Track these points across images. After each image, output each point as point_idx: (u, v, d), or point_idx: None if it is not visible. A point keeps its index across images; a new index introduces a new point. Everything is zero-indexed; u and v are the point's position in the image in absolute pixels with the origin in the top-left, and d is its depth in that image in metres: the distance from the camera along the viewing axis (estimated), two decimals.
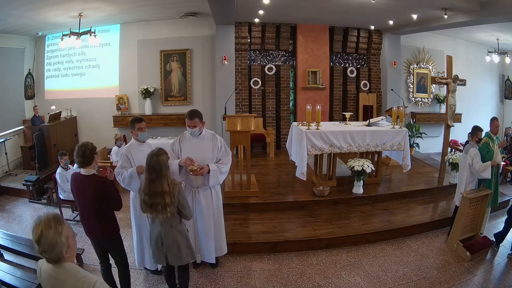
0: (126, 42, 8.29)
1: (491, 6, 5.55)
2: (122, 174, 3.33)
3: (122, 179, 3.32)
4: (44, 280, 1.74)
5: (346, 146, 5.29)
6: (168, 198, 2.68)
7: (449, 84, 5.75)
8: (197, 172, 3.31)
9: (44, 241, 1.57)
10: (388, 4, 5.98)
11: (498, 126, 4.47)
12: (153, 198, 2.69)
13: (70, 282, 1.65)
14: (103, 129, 8.15)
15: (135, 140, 3.51)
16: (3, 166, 7.08)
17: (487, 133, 4.40)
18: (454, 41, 9.35)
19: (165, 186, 2.69)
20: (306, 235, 4.29)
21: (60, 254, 1.61)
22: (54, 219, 1.62)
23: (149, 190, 2.70)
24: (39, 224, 1.59)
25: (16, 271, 3.17)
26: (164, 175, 2.70)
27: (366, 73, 8.71)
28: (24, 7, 5.86)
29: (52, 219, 1.62)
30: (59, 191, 5.19)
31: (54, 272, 1.67)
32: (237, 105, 8.03)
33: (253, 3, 6.28)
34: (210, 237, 3.59)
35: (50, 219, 1.61)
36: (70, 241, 1.64)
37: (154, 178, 2.69)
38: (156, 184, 2.69)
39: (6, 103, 7.50)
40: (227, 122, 4.96)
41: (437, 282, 3.50)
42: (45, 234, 1.57)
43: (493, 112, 10.25)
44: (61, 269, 1.66)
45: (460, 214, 4.12)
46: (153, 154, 2.74)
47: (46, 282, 1.72)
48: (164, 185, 2.69)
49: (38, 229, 1.59)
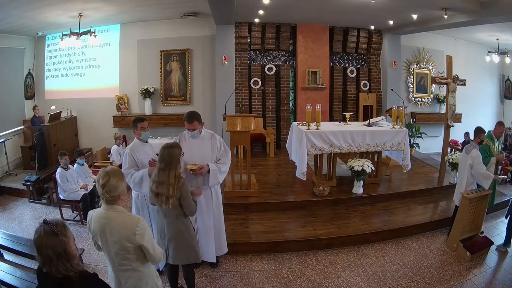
0: (126, 42, 8.29)
1: (491, 6, 5.55)
2: (132, 174, 3.29)
3: (132, 180, 3.28)
4: (95, 225, 2.09)
5: (346, 146, 5.29)
6: (171, 190, 2.73)
7: (449, 84, 5.75)
8: (196, 172, 3.31)
9: (110, 184, 2.02)
10: (388, 4, 5.98)
11: (503, 132, 4.49)
12: (159, 188, 2.77)
13: (119, 219, 2.07)
14: (103, 129, 8.16)
15: (138, 140, 3.50)
16: (3, 166, 7.08)
17: (489, 133, 4.40)
18: (454, 41, 9.35)
19: (171, 177, 2.75)
20: (306, 235, 4.29)
21: (118, 196, 2.08)
22: (119, 172, 2.13)
23: (158, 179, 2.79)
24: (107, 172, 2.06)
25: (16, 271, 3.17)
26: (173, 167, 2.77)
27: (366, 73, 8.71)
28: (24, 7, 5.86)
29: (118, 171, 2.12)
30: (59, 191, 5.18)
31: (106, 213, 2.07)
32: (237, 105, 8.03)
33: (253, 3, 6.28)
34: (210, 236, 3.59)
35: (116, 170, 2.11)
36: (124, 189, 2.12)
37: (163, 168, 2.78)
38: (163, 174, 2.77)
39: (6, 103, 7.50)
40: (227, 122, 4.96)
41: (437, 282, 3.50)
42: (111, 179, 2.03)
43: (493, 112, 10.27)
44: (113, 209, 2.08)
45: (460, 214, 4.12)
46: (166, 146, 2.84)
47: (97, 225, 2.08)
48: (170, 176, 2.75)
49: (106, 175, 2.04)
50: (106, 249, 2.11)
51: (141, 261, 2.14)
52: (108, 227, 2.06)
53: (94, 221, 2.11)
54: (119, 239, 2.04)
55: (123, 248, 2.06)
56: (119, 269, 2.13)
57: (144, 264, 2.18)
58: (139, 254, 2.11)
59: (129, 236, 2.03)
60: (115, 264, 2.12)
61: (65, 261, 1.64)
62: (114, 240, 2.05)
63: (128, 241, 2.04)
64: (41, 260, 1.65)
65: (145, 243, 2.08)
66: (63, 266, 1.64)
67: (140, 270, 2.15)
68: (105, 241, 2.08)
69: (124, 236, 2.03)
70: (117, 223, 2.05)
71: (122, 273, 2.13)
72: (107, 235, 2.06)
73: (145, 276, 2.19)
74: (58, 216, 5.17)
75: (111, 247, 2.08)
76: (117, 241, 2.05)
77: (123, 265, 2.11)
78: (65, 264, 1.64)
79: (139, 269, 2.15)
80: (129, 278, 2.14)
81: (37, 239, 1.64)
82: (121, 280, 2.15)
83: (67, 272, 1.64)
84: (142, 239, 2.06)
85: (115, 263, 2.12)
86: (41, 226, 1.66)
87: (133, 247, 2.06)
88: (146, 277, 2.19)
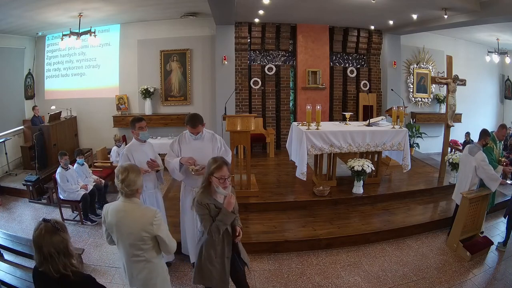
0: (126, 42, 8.29)
1: (491, 6, 5.55)
2: None
3: None
4: (111, 218, 2.19)
5: (346, 146, 5.29)
6: None
7: (449, 84, 5.75)
8: (199, 172, 3.31)
9: (129, 179, 2.14)
10: (388, 4, 5.98)
11: (505, 135, 4.49)
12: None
13: (137, 211, 2.19)
14: (103, 129, 8.16)
15: (136, 140, 3.50)
16: (3, 166, 7.08)
17: (492, 136, 4.39)
18: (454, 41, 9.35)
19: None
20: (306, 235, 4.29)
21: (136, 190, 2.20)
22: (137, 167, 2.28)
23: None
24: (126, 167, 2.20)
25: (16, 271, 3.17)
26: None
27: (366, 73, 8.71)
28: (24, 7, 5.86)
29: (135, 167, 2.28)
30: (59, 191, 5.18)
31: (124, 206, 2.19)
32: (237, 105, 8.03)
33: (253, 3, 6.28)
34: None
35: (134, 166, 2.27)
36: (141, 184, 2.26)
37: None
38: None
39: (6, 103, 7.50)
40: (227, 122, 4.96)
41: (437, 282, 3.49)
42: (130, 175, 2.16)
43: (493, 112, 10.28)
44: (131, 202, 2.19)
45: (460, 214, 4.12)
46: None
47: (114, 218, 2.18)
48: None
49: (125, 171, 2.17)
50: (121, 241, 2.20)
51: (155, 252, 2.25)
52: (125, 219, 2.16)
53: (111, 214, 2.21)
54: (136, 230, 2.14)
55: (139, 239, 2.15)
56: (132, 260, 2.22)
57: (157, 256, 2.29)
58: (153, 245, 2.22)
59: (147, 226, 2.14)
60: (129, 256, 2.22)
61: (65, 259, 1.66)
62: (131, 231, 2.15)
63: (145, 231, 2.14)
64: (39, 258, 1.65)
65: (161, 233, 2.19)
66: (62, 263, 1.64)
67: (152, 261, 2.25)
68: (121, 233, 2.18)
69: (141, 226, 2.14)
70: (135, 215, 2.17)
71: (135, 264, 2.23)
72: (124, 227, 2.16)
73: (157, 268, 2.29)
74: (58, 216, 5.16)
75: (126, 238, 2.17)
76: (133, 231, 2.15)
77: (137, 256, 2.20)
78: (65, 262, 1.65)
79: (152, 260, 2.25)
80: (142, 269, 2.24)
81: (38, 236, 1.63)
82: (134, 272, 2.24)
83: (65, 271, 1.65)
84: (158, 230, 2.17)
85: (128, 255, 2.21)
86: (41, 224, 1.67)
87: (150, 237, 2.17)
88: (157, 269, 2.29)
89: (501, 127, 4.59)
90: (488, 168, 4.00)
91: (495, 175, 4.03)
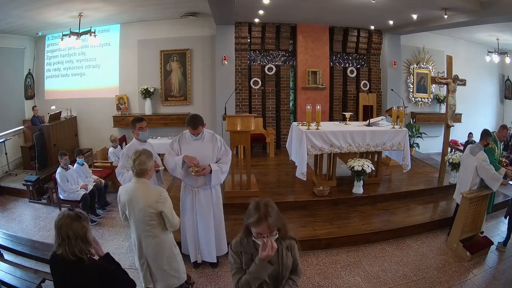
0: (126, 42, 8.29)
1: (491, 6, 5.55)
2: (123, 174, 3.34)
3: (123, 180, 3.32)
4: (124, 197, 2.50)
5: (346, 146, 5.29)
6: None
7: (449, 84, 5.75)
8: (199, 173, 3.31)
9: (140, 159, 2.46)
10: (388, 4, 5.98)
11: (506, 136, 4.49)
12: None
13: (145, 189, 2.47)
14: (103, 129, 8.15)
15: (136, 140, 3.51)
16: (3, 166, 7.08)
17: (493, 136, 4.39)
18: (454, 41, 9.35)
19: None
20: (306, 235, 4.28)
21: (146, 170, 2.50)
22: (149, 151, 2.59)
23: None
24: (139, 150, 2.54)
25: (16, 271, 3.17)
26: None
27: (366, 73, 8.71)
28: (24, 7, 5.86)
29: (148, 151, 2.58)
30: (59, 191, 5.18)
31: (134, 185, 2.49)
32: (237, 105, 8.03)
33: (253, 3, 6.28)
34: (211, 236, 3.59)
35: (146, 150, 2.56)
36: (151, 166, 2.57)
37: None
38: None
39: (6, 103, 7.50)
40: (227, 122, 4.96)
41: (437, 282, 3.49)
42: (141, 156, 2.48)
43: (493, 112, 10.28)
44: (140, 182, 2.48)
45: (460, 214, 4.12)
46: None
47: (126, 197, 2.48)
48: None
49: (137, 153, 2.50)
50: (133, 217, 2.49)
51: (161, 229, 2.52)
52: (136, 197, 2.45)
53: (123, 193, 2.52)
54: (144, 207, 2.42)
55: (147, 215, 2.43)
56: (142, 235, 2.50)
57: (164, 232, 2.55)
58: (159, 222, 2.49)
59: (152, 203, 2.42)
60: (139, 231, 2.50)
61: (82, 244, 1.73)
62: (140, 207, 2.43)
63: (151, 207, 2.42)
64: (58, 240, 1.73)
65: (165, 210, 2.46)
66: (79, 247, 1.72)
67: (160, 237, 2.52)
68: (132, 209, 2.47)
69: (148, 203, 2.42)
70: (143, 192, 2.46)
71: (144, 239, 2.51)
72: (135, 204, 2.45)
73: (164, 243, 2.56)
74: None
75: (137, 214, 2.46)
76: (142, 208, 2.42)
77: (146, 231, 2.48)
78: (81, 247, 1.73)
79: (159, 236, 2.52)
80: (150, 244, 2.51)
81: (60, 219, 1.74)
82: (143, 245, 2.52)
83: (81, 254, 1.72)
84: (163, 206, 2.44)
85: (139, 230, 2.50)
86: (66, 211, 1.79)
87: (155, 213, 2.44)
88: (164, 245, 2.56)
89: (502, 128, 4.59)
90: (489, 167, 4.00)
91: (496, 174, 4.02)
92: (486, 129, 4.27)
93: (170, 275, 2.64)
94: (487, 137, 4.21)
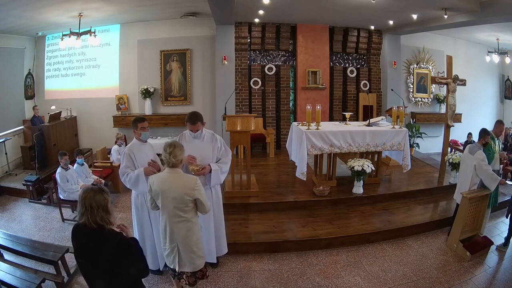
0: (126, 42, 8.29)
1: (491, 6, 5.55)
2: (128, 174, 3.31)
3: (128, 180, 3.30)
4: (157, 186, 2.67)
5: (346, 146, 5.29)
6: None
7: (449, 84, 5.75)
8: (199, 172, 3.31)
9: (175, 151, 2.63)
10: (388, 4, 5.98)
11: (503, 131, 4.49)
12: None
13: (181, 179, 2.68)
14: (103, 129, 8.16)
15: (137, 140, 3.50)
16: (3, 166, 7.08)
17: (491, 134, 4.40)
18: (454, 41, 9.35)
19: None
20: (306, 235, 4.29)
21: (180, 161, 2.69)
22: (180, 144, 2.73)
23: None
24: (171, 143, 2.68)
25: (16, 271, 3.18)
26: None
27: (366, 73, 8.71)
28: (24, 7, 5.86)
29: (179, 143, 2.74)
30: (59, 191, 5.18)
31: (169, 175, 2.67)
32: (237, 105, 8.03)
33: (253, 3, 6.28)
34: (211, 236, 3.58)
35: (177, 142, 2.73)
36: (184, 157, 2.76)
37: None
38: None
39: (6, 103, 7.50)
40: (227, 122, 4.96)
41: (437, 282, 3.50)
42: (176, 149, 2.65)
43: (493, 112, 10.28)
44: (175, 172, 2.68)
45: (460, 214, 4.12)
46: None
47: (160, 186, 2.65)
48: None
49: (171, 146, 2.65)
50: (166, 205, 2.66)
51: (194, 213, 2.74)
52: (171, 186, 2.63)
53: (157, 183, 2.68)
54: (180, 194, 2.61)
55: (182, 202, 2.63)
56: (174, 221, 2.67)
57: (195, 216, 2.77)
58: (193, 207, 2.70)
59: (189, 191, 2.62)
60: (171, 217, 2.67)
61: (103, 213, 1.94)
62: (175, 195, 2.62)
63: (187, 195, 2.62)
64: (81, 210, 1.94)
65: (200, 197, 2.67)
66: (100, 216, 1.93)
67: (192, 220, 2.72)
68: (166, 198, 2.64)
69: (185, 190, 2.62)
70: (179, 182, 2.66)
71: (176, 224, 2.67)
72: (169, 192, 2.63)
73: (195, 226, 2.75)
74: (58, 216, 5.18)
75: (171, 202, 2.63)
76: (177, 196, 2.62)
77: (179, 217, 2.66)
78: (102, 215, 1.94)
79: (192, 220, 2.71)
80: (182, 228, 2.68)
81: (84, 192, 1.96)
82: (175, 230, 2.69)
83: (101, 221, 1.93)
84: (198, 194, 2.65)
85: (171, 217, 2.67)
86: (90, 186, 2.03)
87: (191, 200, 2.65)
88: (195, 227, 2.76)
89: (498, 123, 4.61)
90: (488, 167, 4.01)
91: (494, 174, 4.05)
92: (484, 128, 4.29)
93: (198, 256, 2.78)
94: (485, 136, 4.23)
